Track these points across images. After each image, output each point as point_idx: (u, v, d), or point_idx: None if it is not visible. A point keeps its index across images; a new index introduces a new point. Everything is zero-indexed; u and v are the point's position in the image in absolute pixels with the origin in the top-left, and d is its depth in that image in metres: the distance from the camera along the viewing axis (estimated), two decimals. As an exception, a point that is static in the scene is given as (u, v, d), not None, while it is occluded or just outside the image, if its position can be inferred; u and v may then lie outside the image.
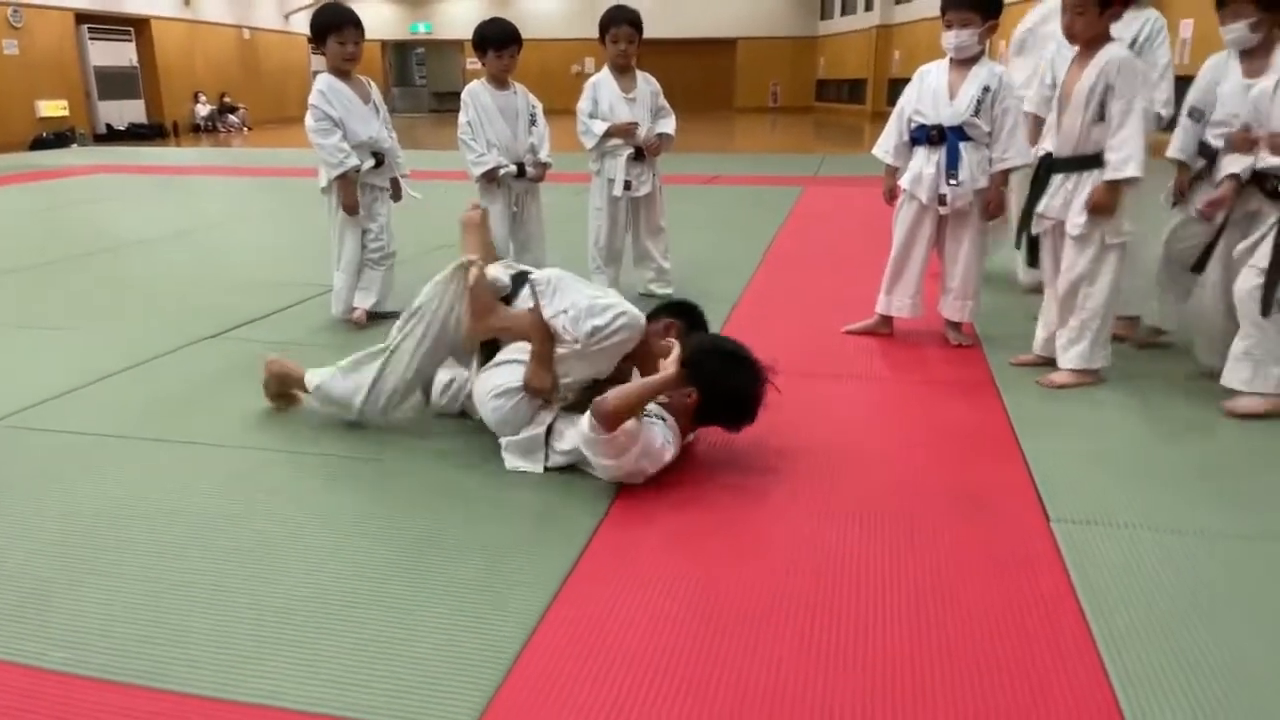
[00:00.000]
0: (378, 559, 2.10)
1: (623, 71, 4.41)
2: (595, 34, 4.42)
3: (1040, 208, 3.17)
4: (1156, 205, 3.52)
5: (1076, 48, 3.10)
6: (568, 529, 2.22)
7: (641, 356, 2.57)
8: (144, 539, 2.18)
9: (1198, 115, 3.34)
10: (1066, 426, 2.86)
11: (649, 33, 4.52)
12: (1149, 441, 2.76)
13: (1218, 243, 3.15)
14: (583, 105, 4.40)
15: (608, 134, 4.34)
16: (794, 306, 4.46)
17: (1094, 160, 3.03)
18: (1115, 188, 2.99)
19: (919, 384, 3.34)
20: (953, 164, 3.52)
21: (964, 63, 3.53)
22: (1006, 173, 3.56)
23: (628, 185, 4.40)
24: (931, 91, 3.57)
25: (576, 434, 2.38)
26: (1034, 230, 3.27)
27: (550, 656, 1.74)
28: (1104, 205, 3.00)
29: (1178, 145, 3.40)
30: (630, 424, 2.31)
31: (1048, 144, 3.19)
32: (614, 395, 2.32)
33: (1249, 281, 2.87)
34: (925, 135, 3.57)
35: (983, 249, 3.68)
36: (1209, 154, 3.29)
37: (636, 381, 2.48)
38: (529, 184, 4.28)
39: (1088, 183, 3.05)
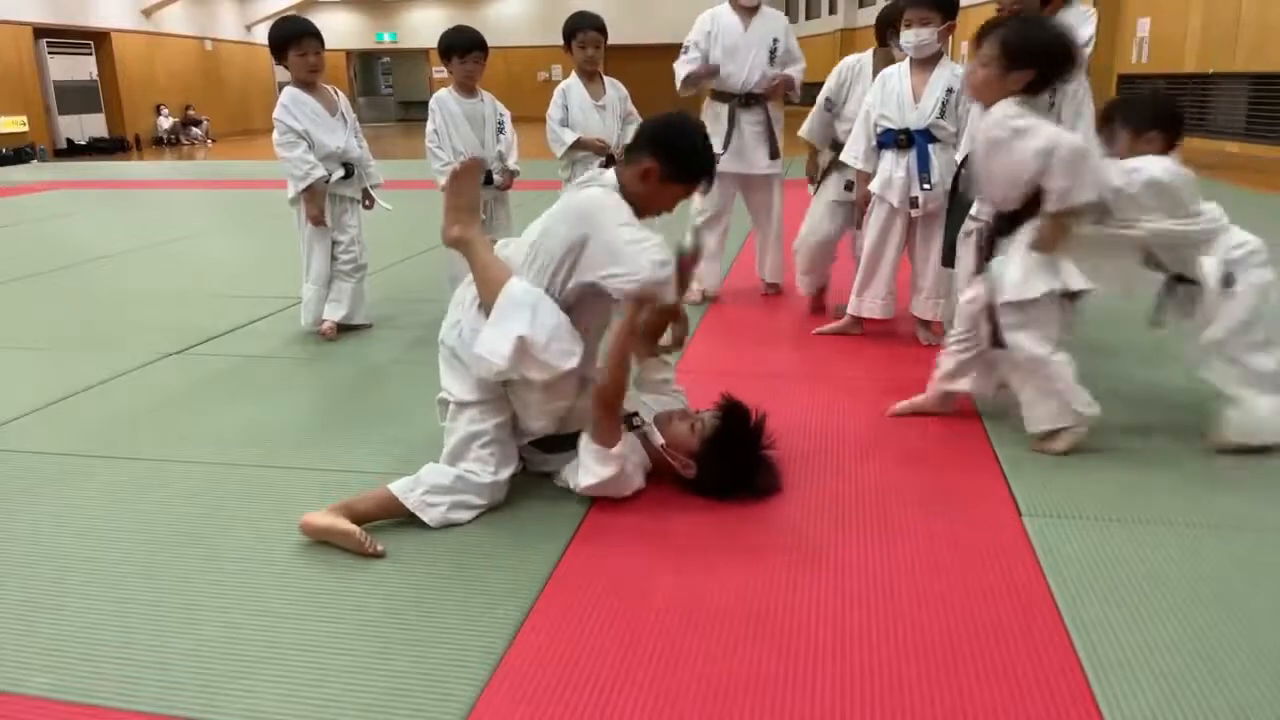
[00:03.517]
0: (352, 575, 2.08)
1: (591, 78, 4.42)
2: (561, 41, 4.42)
3: (973, 210, 3.19)
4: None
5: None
6: (542, 539, 2.21)
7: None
8: (113, 559, 2.15)
9: (830, 106, 4.07)
10: (1036, 422, 2.90)
11: (613, 38, 4.53)
12: (1117, 435, 2.80)
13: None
14: (553, 112, 4.40)
15: (578, 144, 4.35)
16: (766, 308, 4.48)
17: None
18: None
19: (891, 384, 3.36)
20: (924, 167, 3.55)
21: (924, 64, 3.57)
22: None
23: (598, 192, 4.39)
24: (895, 95, 3.60)
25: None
26: (957, 233, 3.29)
27: (527, 668, 1.73)
28: None
29: (812, 130, 4.17)
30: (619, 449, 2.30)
31: (966, 148, 3.24)
32: (602, 375, 2.31)
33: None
34: (893, 139, 3.60)
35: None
36: (838, 146, 3.96)
37: (612, 348, 2.32)
38: (497, 192, 4.26)
39: None
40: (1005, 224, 2.71)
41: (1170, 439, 2.76)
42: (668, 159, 2.35)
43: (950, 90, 3.51)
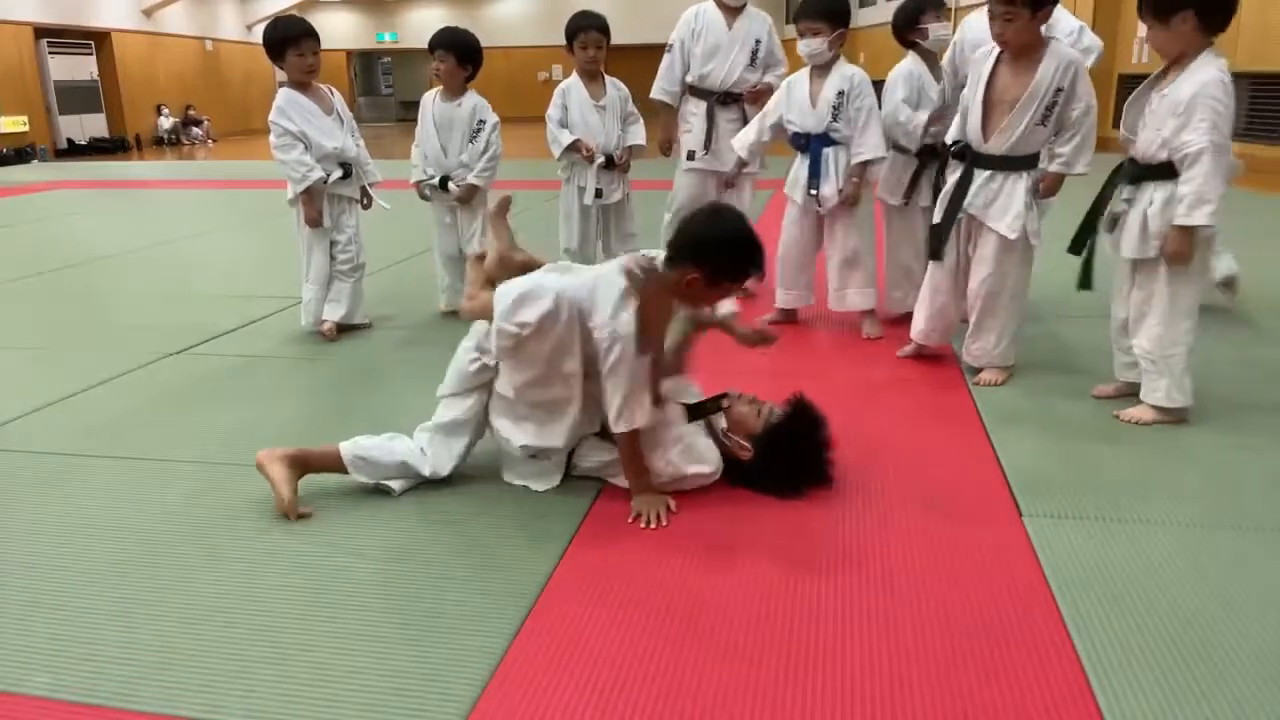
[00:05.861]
0: (351, 574, 2.08)
1: (592, 78, 4.42)
2: (562, 41, 4.42)
3: (964, 202, 3.19)
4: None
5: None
6: (543, 538, 2.22)
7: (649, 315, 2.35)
8: (114, 559, 2.15)
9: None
10: (1037, 422, 2.90)
11: (615, 39, 4.53)
12: (1117, 435, 2.81)
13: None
14: (552, 113, 4.41)
15: (574, 146, 4.34)
16: (766, 308, 4.47)
17: (1026, 162, 3.09)
18: (1059, 179, 3.12)
19: (891, 382, 3.37)
20: (814, 172, 3.72)
21: (822, 69, 3.70)
22: (864, 165, 3.70)
23: (598, 193, 4.41)
24: (798, 100, 3.75)
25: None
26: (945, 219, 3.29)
27: (527, 668, 1.74)
28: (1052, 189, 3.15)
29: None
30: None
31: (954, 133, 3.28)
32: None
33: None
34: (801, 142, 3.76)
35: (870, 239, 3.87)
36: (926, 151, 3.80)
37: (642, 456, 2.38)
38: (468, 199, 4.13)
39: (1019, 184, 3.08)
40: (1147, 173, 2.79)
41: (1171, 439, 2.76)
42: (712, 266, 2.27)
43: (841, 93, 3.66)
